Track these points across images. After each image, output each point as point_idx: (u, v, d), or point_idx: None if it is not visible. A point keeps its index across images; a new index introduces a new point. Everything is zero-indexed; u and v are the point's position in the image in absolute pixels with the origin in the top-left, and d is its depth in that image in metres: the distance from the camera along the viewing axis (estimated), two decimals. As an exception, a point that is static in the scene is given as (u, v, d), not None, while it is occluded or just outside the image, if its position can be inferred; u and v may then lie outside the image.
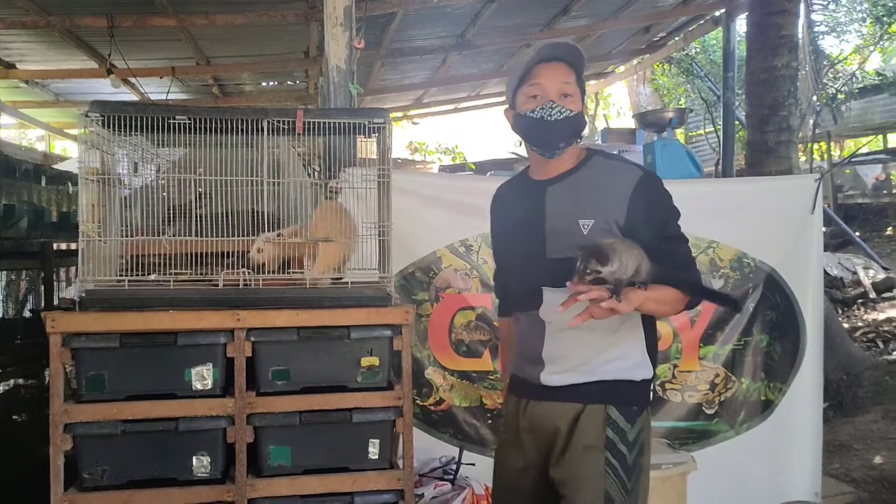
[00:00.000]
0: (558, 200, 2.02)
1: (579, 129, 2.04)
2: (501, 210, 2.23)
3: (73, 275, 4.26)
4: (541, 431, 2.07)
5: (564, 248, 1.92)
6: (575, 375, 2.01)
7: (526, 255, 2.05)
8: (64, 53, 6.60)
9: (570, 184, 2.03)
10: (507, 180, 2.30)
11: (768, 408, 3.73)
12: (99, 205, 2.54)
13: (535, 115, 1.98)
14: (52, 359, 2.37)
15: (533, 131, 2.01)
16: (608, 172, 2.04)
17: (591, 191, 2.00)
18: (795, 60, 5.45)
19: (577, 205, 1.99)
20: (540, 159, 2.07)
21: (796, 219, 3.73)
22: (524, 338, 2.12)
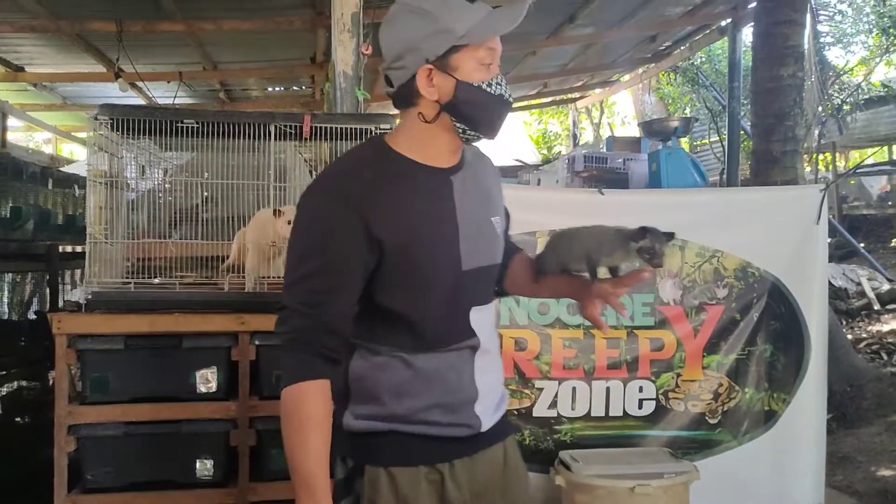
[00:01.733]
0: (466, 195, 1.55)
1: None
2: (392, 208, 1.45)
3: (79, 277, 4.29)
4: (483, 500, 1.59)
5: (482, 255, 1.55)
6: (501, 406, 1.65)
7: (444, 271, 1.49)
8: (72, 57, 6.64)
9: (469, 173, 1.58)
10: (363, 159, 1.54)
11: (771, 418, 3.72)
12: (106, 207, 2.56)
13: (492, 90, 1.50)
14: (57, 360, 2.38)
15: (486, 111, 1.50)
16: (481, 159, 1.68)
17: (486, 181, 1.64)
18: (801, 71, 5.46)
19: (482, 200, 1.60)
20: (453, 143, 1.54)
21: (801, 229, 3.72)
22: (446, 380, 1.52)
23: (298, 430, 1.39)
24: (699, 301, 3.66)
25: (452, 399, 1.53)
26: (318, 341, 1.40)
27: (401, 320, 1.48)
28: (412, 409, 1.50)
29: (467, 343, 1.53)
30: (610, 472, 3.16)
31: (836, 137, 11.44)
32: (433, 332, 1.50)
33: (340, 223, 1.40)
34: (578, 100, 11.38)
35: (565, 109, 13.38)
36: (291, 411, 1.39)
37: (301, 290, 1.41)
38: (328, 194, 1.45)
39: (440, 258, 1.48)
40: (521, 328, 3.52)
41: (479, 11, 1.48)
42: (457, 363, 1.53)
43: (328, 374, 1.42)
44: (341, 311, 1.42)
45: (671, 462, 3.30)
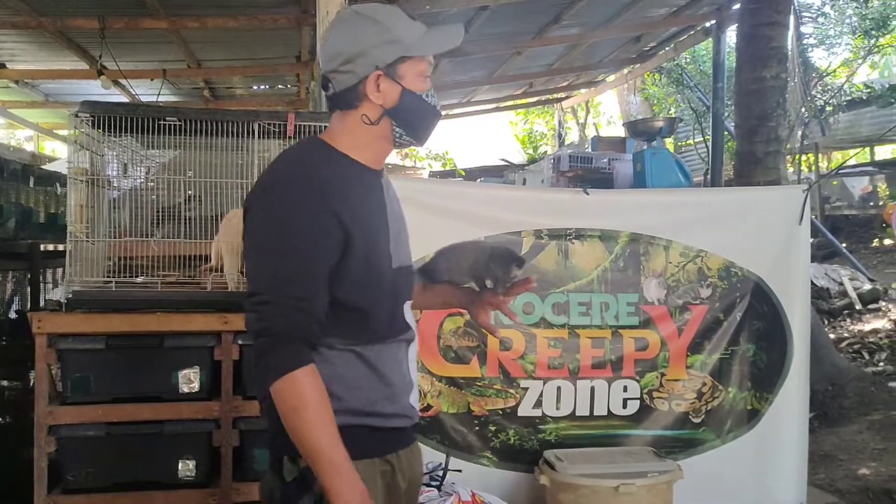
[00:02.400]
0: (391, 198, 1.67)
1: None
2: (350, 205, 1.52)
3: (60, 276, 4.24)
4: (413, 487, 1.70)
5: (403, 256, 1.66)
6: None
7: (384, 266, 1.58)
8: (55, 54, 6.57)
9: (386, 179, 1.70)
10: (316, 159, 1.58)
11: (754, 417, 3.74)
12: (87, 206, 2.54)
13: (430, 100, 1.60)
14: (37, 360, 2.36)
15: (422, 119, 1.61)
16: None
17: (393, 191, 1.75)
18: (784, 72, 5.49)
19: (398, 205, 1.71)
20: (373, 144, 1.61)
21: (784, 229, 3.75)
22: (389, 371, 1.59)
23: (308, 415, 1.40)
24: (683, 301, 3.67)
25: (396, 390, 1.61)
26: (311, 332, 1.45)
27: (355, 312, 1.53)
28: (365, 402, 1.56)
29: (406, 336, 1.64)
30: (594, 472, 3.16)
31: (819, 138, 11.54)
32: (381, 324, 1.57)
33: (318, 219, 1.45)
34: (564, 100, 11.41)
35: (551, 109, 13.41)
36: (295, 400, 1.40)
37: (291, 285, 1.43)
38: (300, 191, 1.48)
39: (381, 254, 1.57)
40: (506, 328, 3.52)
41: (420, 28, 1.60)
42: (398, 354, 1.62)
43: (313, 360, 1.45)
44: (320, 305, 1.47)
45: (655, 461, 3.31)
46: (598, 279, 3.62)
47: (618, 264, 3.64)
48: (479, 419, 3.51)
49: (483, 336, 3.48)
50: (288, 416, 1.41)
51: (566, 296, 3.60)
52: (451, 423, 3.49)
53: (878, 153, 14.16)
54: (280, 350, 1.42)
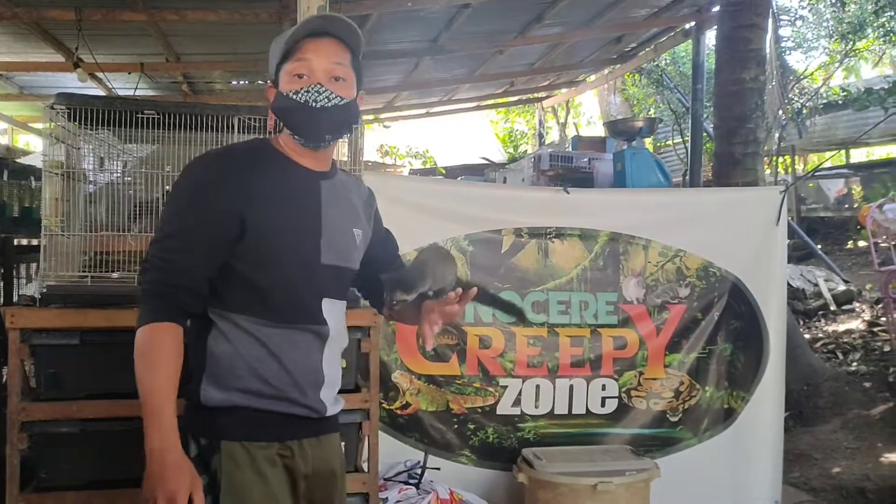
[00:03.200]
0: (332, 201, 1.73)
1: (350, 120, 1.73)
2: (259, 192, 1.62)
3: (34, 271, 4.18)
4: (319, 478, 1.73)
5: (339, 256, 1.72)
6: (339, 401, 1.80)
7: (301, 259, 1.66)
8: (30, 46, 6.47)
9: (338, 185, 1.77)
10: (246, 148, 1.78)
11: (730, 416, 3.77)
12: (63, 199, 2.50)
13: (299, 97, 1.64)
14: (10, 355, 2.32)
15: (297, 117, 1.66)
16: (355, 184, 1.90)
17: (353, 198, 1.81)
18: (763, 74, 5.53)
19: (347, 210, 1.77)
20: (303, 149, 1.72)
21: (761, 230, 3.79)
22: (291, 359, 1.64)
23: (149, 364, 1.50)
24: (662, 300, 3.70)
25: (301, 379, 1.66)
26: (169, 294, 1.54)
27: (254, 290, 1.62)
28: (266, 385, 1.62)
29: (316, 328, 1.68)
30: (572, 470, 3.18)
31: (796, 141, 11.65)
32: (285, 308, 1.64)
33: (206, 193, 1.58)
34: (545, 99, 11.43)
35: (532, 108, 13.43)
36: (143, 348, 1.52)
37: (160, 247, 1.57)
38: (205, 167, 1.66)
39: (299, 245, 1.65)
40: (486, 326, 3.52)
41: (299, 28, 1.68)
42: (304, 343, 1.67)
43: (179, 322, 1.56)
44: (193, 270, 1.56)
45: (633, 459, 3.33)
46: (578, 278, 3.64)
47: (597, 263, 3.65)
48: (458, 417, 3.51)
49: (463, 334, 3.48)
50: (135, 362, 1.52)
51: (546, 294, 3.61)
52: (430, 420, 3.49)
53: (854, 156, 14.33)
54: (145, 304, 1.56)
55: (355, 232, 1.77)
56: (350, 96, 1.70)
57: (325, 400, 1.71)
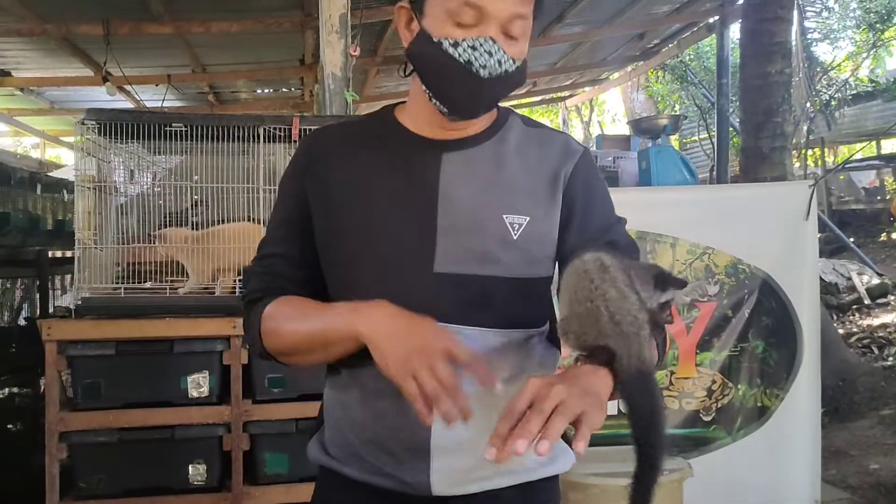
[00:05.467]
0: (463, 178, 1.21)
1: (516, 87, 1.23)
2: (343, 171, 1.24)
3: (69, 283, 4.26)
4: None
5: (469, 260, 1.17)
6: (490, 472, 1.19)
7: (396, 267, 1.18)
8: (60, 61, 6.60)
9: (484, 155, 1.23)
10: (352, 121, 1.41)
11: (764, 414, 3.73)
12: (95, 212, 2.55)
13: (460, 54, 1.12)
14: (47, 367, 2.37)
15: (450, 80, 1.15)
16: (537, 143, 1.27)
17: (519, 170, 1.23)
18: (789, 67, 5.48)
19: (496, 190, 1.21)
20: (417, 104, 1.24)
21: (791, 225, 3.74)
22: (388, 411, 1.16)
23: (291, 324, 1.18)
24: (691, 298, 3.67)
25: (392, 439, 1.18)
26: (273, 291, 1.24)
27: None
28: (348, 441, 1.23)
29: None
30: (603, 471, 3.16)
31: (825, 133, 11.51)
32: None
33: (288, 184, 1.29)
34: (568, 98, 11.39)
35: (555, 108, 13.40)
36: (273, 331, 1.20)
37: (260, 249, 1.30)
38: (295, 156, 1.32)
39: (398, 248, 1.18)
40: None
41: None
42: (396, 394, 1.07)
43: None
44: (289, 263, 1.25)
45: (665, 459, 3.30)
46: (606, 278, 3.62)
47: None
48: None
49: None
50: (278, 348, 1.21)
51: (574, 295, 3.59)
52: (460, 423, 3.49)
53: (885, 147, 14.11)
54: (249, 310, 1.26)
55: (508, 221, 1.19)
56: (522, 57, 1.19)
57: (434, 474, 1.17)
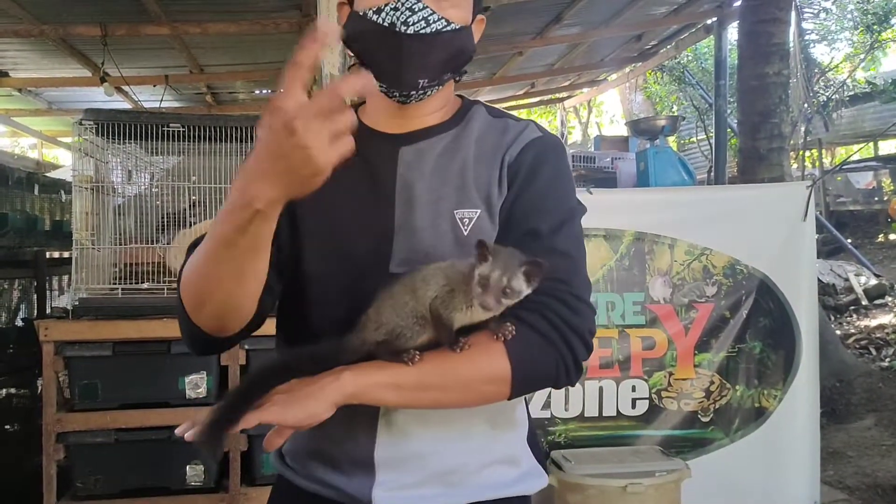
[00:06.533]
0: (419, 172, 1.15)
1: (461, 58, 1.16)
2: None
3: (66, 283, 4.25)
4: None
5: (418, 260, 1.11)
6: (437, 490, 1.14)
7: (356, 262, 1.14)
8: (57, 62, 6.60)
9: (439, 148, 1.18)
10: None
11: (762, 415, 3.73)
12: (93, 213, 2.54)
13: (381, 18, 1.08)
14: (45, 367, 2.36)
15: (377, 48, 1.11)
16: (497, 133, 1.20)
17: (475, 162, 1.17)
18: (787, 68, 5.48)
19: (449, 183, 1.15)
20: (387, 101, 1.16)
21: (788, 226, 3.74)
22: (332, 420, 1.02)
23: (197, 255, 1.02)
24: (689, 299, 3.67)
25: (336, 451, 1.15)
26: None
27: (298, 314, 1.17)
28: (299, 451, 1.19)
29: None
30: (601, 472, 3.16)
31: (822, 134, 11.52)
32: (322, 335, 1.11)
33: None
34: (566, 99, 11.40)
35: (553, 109, 13.40)
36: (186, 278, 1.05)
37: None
38: None
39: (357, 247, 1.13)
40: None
41: None
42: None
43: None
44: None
45: (663, 460, 3.30)
46: (604, 278, 3.62)
47: (623, 263, 3.63)
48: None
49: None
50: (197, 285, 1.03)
51: (572, 296, 3.59)
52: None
53: (882, 148, 14.13)
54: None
55: (459, 216, 1.14)
56: (461, 20, 1.12)
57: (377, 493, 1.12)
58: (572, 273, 1.11)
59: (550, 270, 1.03)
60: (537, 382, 1.11)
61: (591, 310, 1.12)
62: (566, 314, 1.07)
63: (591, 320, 1.11)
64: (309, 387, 0.99)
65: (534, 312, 1.06)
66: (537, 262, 1.01)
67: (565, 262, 1.10)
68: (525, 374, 1.05)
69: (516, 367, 1.04)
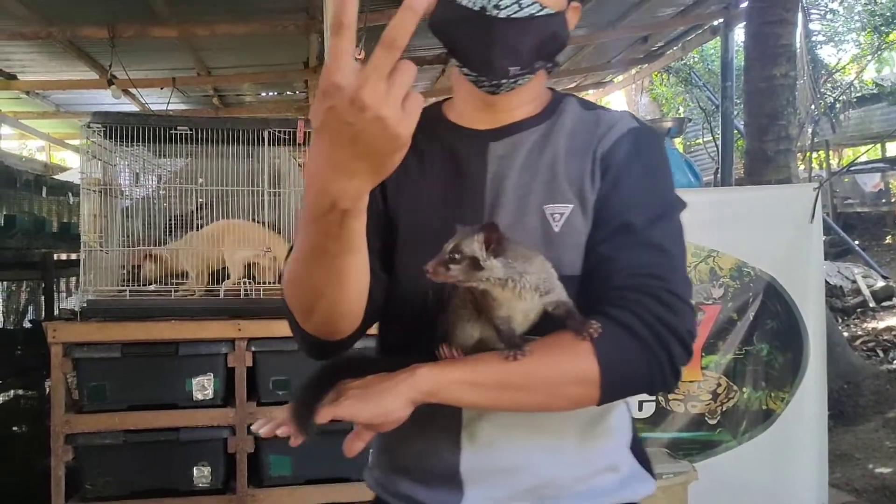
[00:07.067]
0: (509, 168, 1.11)
1: (553, 45, 1.10)
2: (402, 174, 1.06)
3: (74, 285, 4.27)
4: None
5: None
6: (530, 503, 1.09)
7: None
8: (65, 64, 6.62)
9: (529, 142, 1.12)
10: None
11: (770, 417, 3.72)
12: (100, 215, 2.55)
13: (474, 4, 1.03)
14: (53, 369, 2.37)
15: (466, 34, 1.06)
16: (590, 125, 1.14)
17: (566, 155, 1.11)
18: (794, 70, 5.47)
19: (540, 178, 1.10)
20: (475, 94, 1.12)
21: (795, 228, 3.73)
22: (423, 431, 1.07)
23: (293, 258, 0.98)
24: (695, 301, 3.66)
25: (420, 466, 1.12)
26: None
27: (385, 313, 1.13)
28: (386, 467, 1.18)
29: None
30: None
31: (830, 135, 11.49)
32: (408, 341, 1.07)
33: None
34: (572, 101, 11.38)
35: (559, 111, 13.39)
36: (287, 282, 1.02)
37: None
38: None
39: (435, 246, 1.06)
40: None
41: None
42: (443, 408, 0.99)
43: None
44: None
45: (669, 462, 3.29)
46: (610, 281, 3.62)
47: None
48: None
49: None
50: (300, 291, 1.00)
51: (578, 298, 3.59)
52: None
53: (890, 149, 14.07)
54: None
55: (549, 212, 1.08)
56: (556, 5, 1.07)
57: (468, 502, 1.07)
58: (669, 269, 1.05)
59: (645, 265, 1.01)
60: (630, 386, 1.03)
61: (691, 309, 1.04)
62: (661, 312, 0.99)
63: (691, 320, 1.03)
64: (383, 382, 0.95)
65: (625, 310, 0.99)
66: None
67: (661, 257, 1.05)
68: (615, 377, 0.98)
69: (605, 369, 0.97)
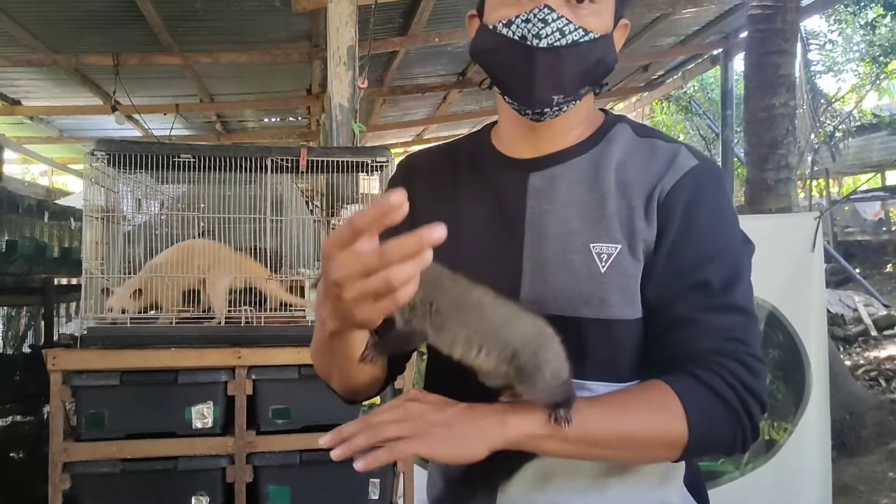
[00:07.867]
0: (550, 201, 1.06)
1: (599, 69, 1.04)
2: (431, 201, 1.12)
3: (74, 310, 4.26)
4: None
5: (549, 299, 1.02)
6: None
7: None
8: (69, 90, 6.67)
9: (575, 173, 1.07)
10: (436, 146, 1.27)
11: (773, 448, 3.69)
12: (102, 242, 2.55)
13: (511, 31, 0.99)
14: (52, 397, 2.36)
15: (506, 64, 1.02)
16: (644, 156, 1.07)
17: (616, 190, 1.05)
18: (793, 99, 5.50)
19: (585, 213, 1.04)
20: (519, 121, 1.08)
21: (796, 257, 3.73)
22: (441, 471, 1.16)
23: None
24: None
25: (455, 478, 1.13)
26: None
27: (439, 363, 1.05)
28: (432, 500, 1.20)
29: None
30: None
31: (830, 164, 11.53)
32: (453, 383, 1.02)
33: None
34: (573, 128, 11.45)
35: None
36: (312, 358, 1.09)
37: None
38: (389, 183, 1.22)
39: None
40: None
41: None
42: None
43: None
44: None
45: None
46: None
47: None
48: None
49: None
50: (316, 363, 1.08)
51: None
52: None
53: (890, 178, 14.12)
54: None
55: (596, 251, 1.03)
56: (602, 28, 1.02)
57: None
58: (751, 332, 1.04)
59: (728, 329, 1.00)
60: (711, 449, 1.02)
61: (767, 369, 1.04)
62: (746, 377, 0.98)
63: (766, 381, 1.03)
64: (471, 423, 0.93)
65: (714, 374, 0.97)
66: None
67: (743, 319, 1.04)
68: (701, 441, 0.97)
69: (693, 431, 0.95)
